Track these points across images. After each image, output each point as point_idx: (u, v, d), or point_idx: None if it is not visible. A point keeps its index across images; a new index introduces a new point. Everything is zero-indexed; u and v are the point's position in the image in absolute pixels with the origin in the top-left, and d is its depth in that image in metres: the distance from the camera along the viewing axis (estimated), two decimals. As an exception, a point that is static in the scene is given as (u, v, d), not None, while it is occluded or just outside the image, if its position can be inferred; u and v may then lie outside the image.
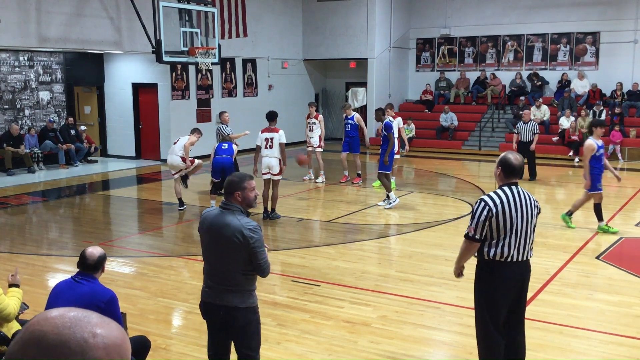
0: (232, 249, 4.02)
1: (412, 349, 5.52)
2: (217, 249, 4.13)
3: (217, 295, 4.15)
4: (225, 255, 4.08)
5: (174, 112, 17.29)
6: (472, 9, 21.12)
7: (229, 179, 4.22)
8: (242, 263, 4.06)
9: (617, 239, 9.21)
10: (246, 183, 4.13)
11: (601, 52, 19.65)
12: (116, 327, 1.24)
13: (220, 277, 4.14)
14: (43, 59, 16.52)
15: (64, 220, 11.37)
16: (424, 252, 8.62)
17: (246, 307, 4.14)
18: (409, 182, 14.63)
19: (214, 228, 4.13)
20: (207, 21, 14.26)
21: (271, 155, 10.47)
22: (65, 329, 1.18)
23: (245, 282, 4.13)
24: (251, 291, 4.19)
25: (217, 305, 4.14)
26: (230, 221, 4.04)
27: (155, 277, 7.56)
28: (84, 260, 4.32)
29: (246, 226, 4.00)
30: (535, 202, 4.54)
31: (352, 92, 21.03)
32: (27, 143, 15.60)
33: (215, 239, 4.12)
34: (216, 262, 4.18)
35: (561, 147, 17.99)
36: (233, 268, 4.08)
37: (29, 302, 5.19)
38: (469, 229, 4.45)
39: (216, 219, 4.13)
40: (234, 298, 4.11)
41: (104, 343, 1.19)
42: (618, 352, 5.45)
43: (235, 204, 4.11)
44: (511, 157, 4.52)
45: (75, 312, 1.23)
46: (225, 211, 4.11)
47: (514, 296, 4.51)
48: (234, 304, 4.10)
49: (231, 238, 4.00)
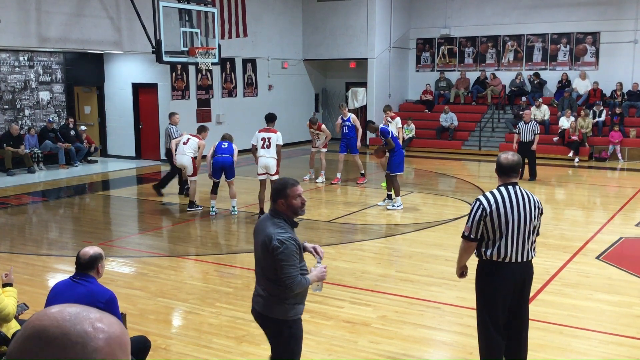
0: (263, 255, 3.96)
1: (412, 349, 5.52)
2: (255, 253, 4.10)
3: (258, 302, 4.09)
4: (260, 260, 4.03)
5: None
6: (472, 9, 21.12)
7: (273, 186, 4.10)
8: (271, 270, 3.93)
9: (617, 239, 9.20)
10: (289, 190, 3.97)
11: (601, 52, 19.65)
12: (115, 321, 1.25)
13: (257, 281, 4.11)
14: (43, 59, 16.52)
15: (64, 220, 11.37)
16: (424, 252, 8.62)
17: (276, 318, 3.99)
18: (409, 182, 14.63)
19: (255, 232, 4.10)
20: (207, 21, 14.26)
21: (268, 156, 10.44)
22: (66, 321, 1.20)
23: (275, 290, 3.95)
24: (283, 301, 3.95)
25: (254, 308, 4.14)
26: (266, 227, 3.95)
27: (155, 277, 7.56)
28: (78, 258, 4.33)
29: (276, 236, 3.86)
30: (538, 202, 4.50)
31: (352, 92, 21.03)
32: (27, 143, 15.61)
33: (255, 243, 4.09)
34: (256, 266, 4.13)
35: (561, 147, 17.99)
36: (265, 274, 4.00)
37: (28, 302, 5.19)
38: (465, 229, 4.46)
39: (259, 224, 4.09)
40: (264, 305, 4.01)
41: (104, 334, 1.20)
42: (618, 352, 5.45)
43: (280, 211, 3.99)
44: (503, 156, 4.51)
45: (75, 308, 1.24)
46: (269, 217, 4.03)
47: (514, 297, 4.48)
48: (264, 311, 4.03)
49: (262, 244, 3.94)
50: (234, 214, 10.92)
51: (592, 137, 18.13)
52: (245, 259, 8.47)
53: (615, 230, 9.78)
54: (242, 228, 10.49)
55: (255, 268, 4.15)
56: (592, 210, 12.29)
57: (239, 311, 6.38)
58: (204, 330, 5.95)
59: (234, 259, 8.56)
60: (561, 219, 10.76)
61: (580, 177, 15.83)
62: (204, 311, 6.41)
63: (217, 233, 10.27)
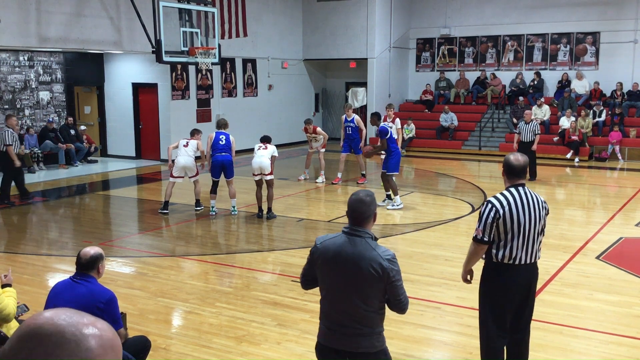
0: (366, 282, 3.40)
1: (412, 349, 5.52)
2: (345, 283, 3.44)
3: (340, 338, 3.47)
4: (354, 291, 3.42)
5: (174, 112, 17.30)
6: (472, 9, 21.12)
7: (355, 203, 3.53)
8: (375, 299, 3.44)
9: (617, 239, 9.20)
10: (375, 205, 3.57)
11: (601, 52, 19.65)
12: (108, 326, 1.28)
13: (345, 316, 3.46)
14: (43, 59, 16.53)
15: (64, 220, 11.37)
16: (424, 252, 8.62)
17: (377, 352, 3.51)
18: (409, 182, 14.63)
19: (341, 258, 3.43)
20: (207, 21, 14.27)
21: (264, 157, 10.54)
22: (60, 320, 1.23)
23: (375, 321, 3.50)
24: (381, 332, 3.55)
25: (338, 350, 3.48)
26: (364, 250, 3.41)
27: (155, 277, 7.56)
28: (79, 259, 4.33)
29: (384, 256, 3.39)
30: (544, 203, 4.49)
31: (352, 92, 21.03)
32: (27, 143, 15.60)
33: (342, 271, 3.44)
34: (340, 299, 3.47)
35: (561, 147, 17.99)
36: (364, 305, 3.43)
37: (28, 302, 5.20)
38: (477, 232, 4.39)
39: (343, 248, 3.44)
40: (363, 341, 3.46)
41: (97, 335, 1.24)
42: (618, 352, 5.45)
43: (366, 229, 3.49)
44: (512, 157, 4.48)
45: (69, 311, 1.28)
46: (352, 237, 3.46)
47: (519, 300, 4.47)
48: (363, 348, 3.47)
49: (366, 270, 3.37)
50: (233, 214, 10.91)
51: (592, 137, 18.14)
52: (245, 259, 8.48)
53: (615, 230, 9.78)
54: (242, 228, 10.49)
55: (332, 300, 3.52)
56: (592, 210, 12.30)
57: (239, 311, 6.38)
58: (204, 330, 5.95)
59: (234, 259, 8.56)
60: (561, 219, 10.76)
61: (580, 177, 15.83)
62: (204, 311, 6.42)
63: (217, 233, 10.27)
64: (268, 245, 9.48)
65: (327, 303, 3.56)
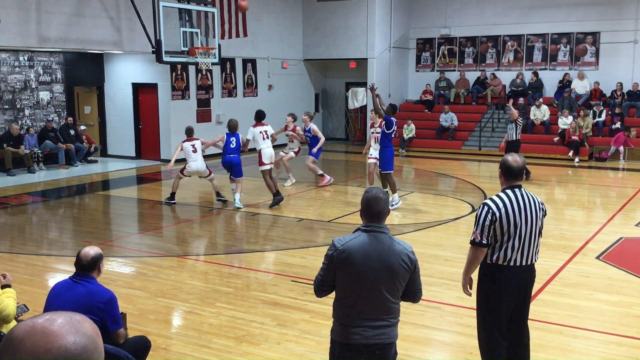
0: (399, 276, 3.54)
1: (412, 349, 5.52)
2: (375, 280, 3.51)
3: (373, 333, 3.56)
4: (385, 286, 3.53)
5: (174, 112, 17.30)
6: (472, 9, 21.12)
7: (372, 201, 3.59)
8: (401, 290, 3.61)
9: (617, 239, 9.20)
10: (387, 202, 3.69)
11: (601, 52, 19.65)
12: (90, 324, 1.38)
13: (376, 312, 3.56)
14: (43, 59, 16.52)
15: (64, 220, 11.37)
16: (424, 252, 8.61)
17: (395, 341, 3.69)
18: (409, 182, 14.63)
19: (370, 256, 3.50)
20: (207, 21, 14.26)
21: (270, 146, 11.26)
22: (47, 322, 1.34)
23: (399, 311, 3.66)
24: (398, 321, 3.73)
25: (371, 344, 3.56)
26: (390, 245, 3.54)
27: (155, 277, 7.56)
28: (79, 260, 4.32)
29: (408, 249, 3.58)
30: (541, 204, 4.46)
31: (352, 92, 21.03)
32: (27, 143, 15.60)
33: (372, 269, 3.50)
34: (371, 296, 3.54)
35: (561, 147, 17.99)
36: (392, 298, 3.56)
37: (28, 302, 5.20)
38: (474, 235, 4.32)
39: (370, 246, 3.52)
40: (392, 332, 3.61)
41: (81, 332, 1.33)
42: (618, 352, 5.45)
43: (384, 225, 3.61)
44: (511, 159, 4.43)
45: (63, 315, 1.38)
46: (376, 234, 3.55)
47: (516, 301, 4.45)
48: (390, 339, 3.61)
49: (397, 265, 3.52)
50: (236, 205, 11.22)
51: (592, 137, 18.14)
52: (245, 258, 8.48)
53: (615, 230, 9.78)
54: (242, 228, 10.50)
55: (361, 298, 3.55)
56: (592, 210, 12.30)
57: (239, 311, 6.38)
58: (204, 330, 5.95)
59: (233, 259, 8.56)
60: (561, 219, 10.76)
61: (580, 177, 15.82)
62: (204, 311, 6.42)
63: (217, 233, 10.27)
64: (268, 246, 9.48)
65: (352, 302, 3.56)
